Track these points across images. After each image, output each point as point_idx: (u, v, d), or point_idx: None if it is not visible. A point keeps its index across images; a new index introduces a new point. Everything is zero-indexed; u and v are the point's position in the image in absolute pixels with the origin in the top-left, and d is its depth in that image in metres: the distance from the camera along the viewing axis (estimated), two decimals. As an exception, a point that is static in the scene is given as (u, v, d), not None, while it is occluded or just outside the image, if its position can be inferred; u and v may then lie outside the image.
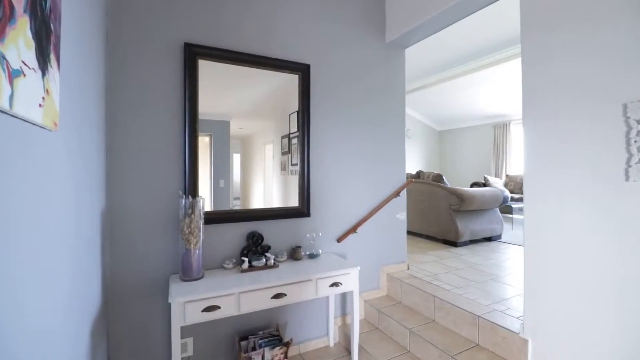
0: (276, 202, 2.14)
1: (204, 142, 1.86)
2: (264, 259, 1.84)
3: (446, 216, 3.64)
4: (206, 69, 1.83)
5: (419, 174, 4.30)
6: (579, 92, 1.38)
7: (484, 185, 6.17)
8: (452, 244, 3.59)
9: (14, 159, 0.69)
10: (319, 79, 2.22)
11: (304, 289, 1.72)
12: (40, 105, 0.76)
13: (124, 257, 1.64)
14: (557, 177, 1.45)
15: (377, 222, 2.45)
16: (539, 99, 1.52)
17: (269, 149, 2.16)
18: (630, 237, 1.22)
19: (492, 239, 3.89)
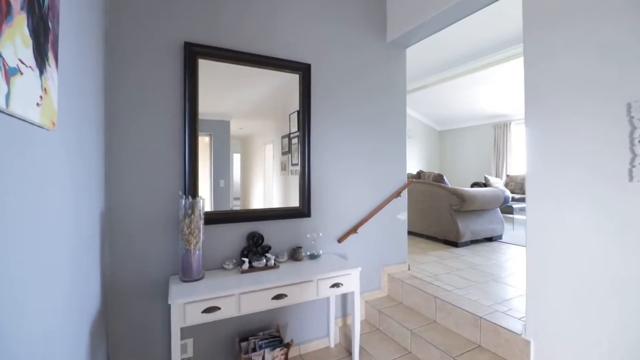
0: (276, 202, 2.13)
1: (204, 142, 1.85)
2: (264, 260, 1.83)
3: (447, 216, 3.63)
4: (206, 68, 1.82)
5: (420, 174, 4.29)
6: (582, 91, 1.36)
7: (485, 185, 6.16)
8: (453, 244, 3.58)
9: (12, 158, 0.68)
10: (320, 78, 2.21)
11: (304, 290, 1.71)
12: (37, 104, 0.75)
13: (123, 257, 1.63)
14: (559, 177, 1.44)
15: (378, 222, 2.44)
16: (541, 97, 1.51)
17: (269, 149, 2.15)
18: (633, 237, 1.21)
19: (493, 239, 3.88)
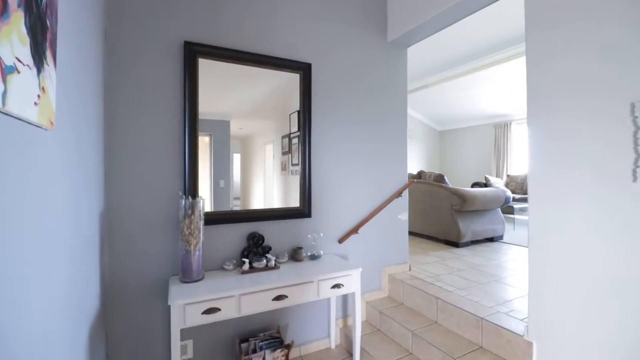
0: (277, 203, 2.12)
1: (204, 142, 1.84)
2: (264, 260, 1.82)
3: (448, 216, 3.61)
4: (206, 68, 1.81)
5: (420, 174, 4.28)
6: (584, 91, 1.35)
7: (485, 185, 6.15)
8: (454, 244, 3.57)
9: (9, 158, 0.68)
10: (320, 78, 2.20)
11: (305, 291, 1.70)
12: (35, 103, 0.74)
13: (123, 258, 1.62)
14: (562, 177, 1.43)
15: (379, 222, 2.43)
16: (543, 97, 1.50)
17: (269, 149, 2.13)
18: (635, 237, 1.20)
19: (493, 240, 3.86)
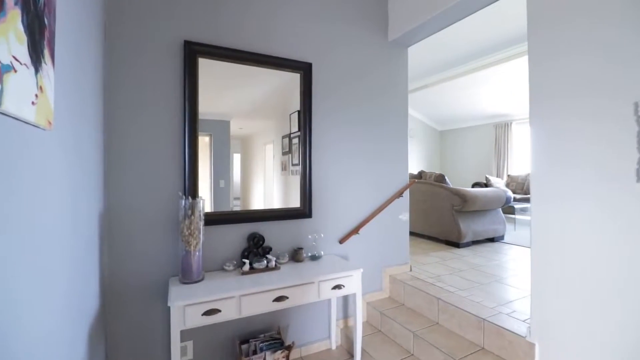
0: (277, 203, 2.11)
1: (204, 142, 1.83)
2: (265, 261, 1.81)
3: (448, 217, 3.60)
4: (206, 67, 1.80)
5: (421, 174, 4.27)
6: (587, 90, 1.34)
7: (486, 185, 6.14)
8: (455, 244, 3.55)
9: (6, 158, 0.66)
10: (321, 77, 2.19)
11: (306, 292, 1.69)
12: (33, 103, 0.73)
13: (122, 258, 1.61)
14: (564, 177, 1.41)
15: (380, 223, 2.42)
16: (546, 97, 1.49)
17: (270, 149, 2.12)
18: (638, 237, 1.19)
19: (494, 240, 3.85)
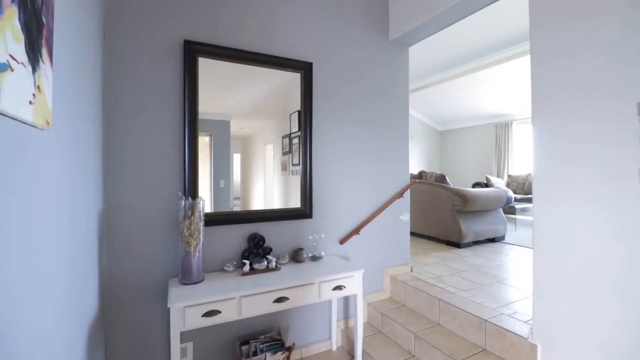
0: (277, 203, 2.10)
1: (204, 142, 1.82)
2: (265, 262, 1.79)
3: (449, 217, 3.59)
4: (206, 67, 1.79)
5: (422, 174, 4.26)
6: (590, 91, 1.33)
7: (486, 185, 6.13)
8: (456, 245, 3.54)
9: (3, 159, 0.66)
10: (322, 77, 2.18)
11: (306, 293, 1.67)
12: (30, 102, 0.72)
13: (122, 258, 1.60)
14: (567, 178, 1.40)
15: (381, 223, 2.41)
16: (548, 96, 1.47)
17: (270, 149, 2.11)
18: (643, 239, 1.18)
19: (495, 240, 3.84)
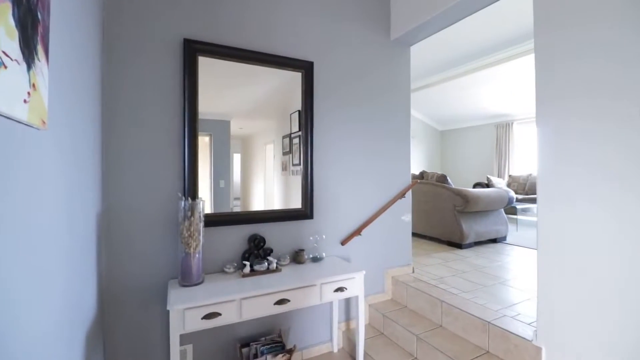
0: (277, 203, 2.08)
1: (204, 142, 1.80)
2: (266, 263, 1.77)
3: (451, 217, 3.57)
4: (206, 66, 1.77)
5: (423, 175, 4.24)
6: (594, 91, 1.31)
7: (487, 185, 6.11)
8: (457, 245, 3.52)
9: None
10: (322, 76, 2.16)
11: (307, 295, 1.65)
12: (25, 101, 0.70)
13: (121, 258, 1.58)
14: (571, 178, 1.38)
15: (382, 224, 2.39)
16: (553, 97, 1.45)
17: (270, 149, 2.10)
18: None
19: (497, 241, 3.82)
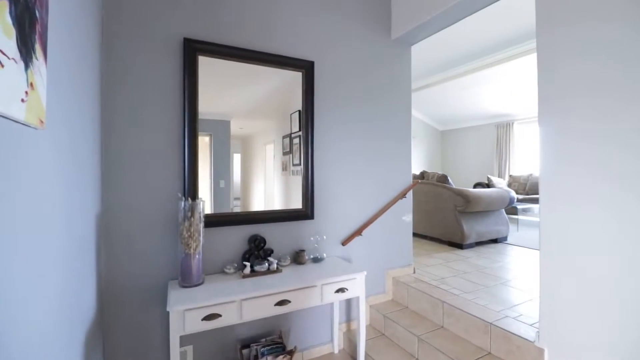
0: (277, 203, 2.07)
1: (204, 141, 1.79)
2: (266, 264, 1.76)
3: (451, 218, 3.56)
4: (206, 66, 1.76)
5: (423, 175, 4.23)
6: (597, 91, 1.30)
7: (488, 185, 6.10)
8: (458, 246, 3.51)
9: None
10: (323, 76, 2.15)
11: (308, 296, 1.64)
12: (22, 100, 0.68)
13: (120, 259, 1.57)
14: (574, 178, 1.37)
15: (383, 224, 2.38)
16: (555, 97, 1.44)
17: (270, 149, 2.09)
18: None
19: (497, 241, 3.81)
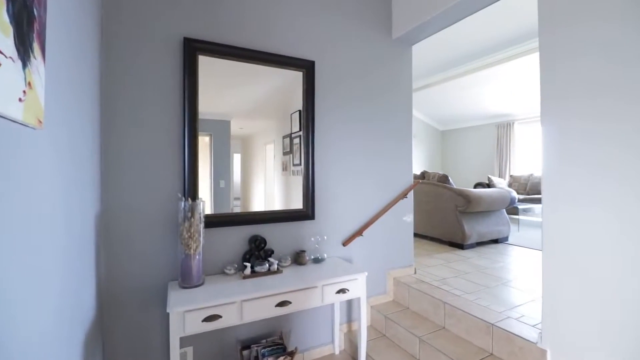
0: (277, 204, 2.06)
1: (204, 141, 1.78)
2: (267, 264, 1.75)
3: (452, 218, 3.55)
4: (206, 66, 1.75)
5: (424, 175, 4.22)
6: (600, 91, 1.29)
7: (488, 185, 6.09)
8: (459, 246, 3.50)
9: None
10: (324, 75, 2.14)
11: (309, 296, 1.63)
12: (20, 99, 0.68)
13: (120, 259, 1.56)
14: (576, 178, 1.36)
15: (384, 224, 2.37)
16: (557, 97, 1.43)
17: (270, 149, 2.08)
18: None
19: (498, 241, 3.80)
